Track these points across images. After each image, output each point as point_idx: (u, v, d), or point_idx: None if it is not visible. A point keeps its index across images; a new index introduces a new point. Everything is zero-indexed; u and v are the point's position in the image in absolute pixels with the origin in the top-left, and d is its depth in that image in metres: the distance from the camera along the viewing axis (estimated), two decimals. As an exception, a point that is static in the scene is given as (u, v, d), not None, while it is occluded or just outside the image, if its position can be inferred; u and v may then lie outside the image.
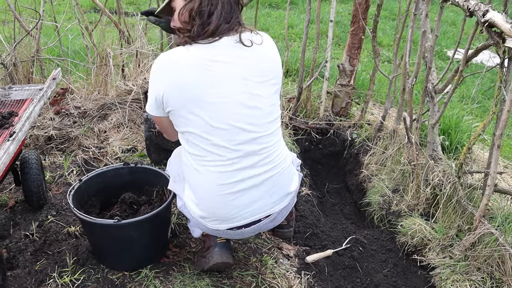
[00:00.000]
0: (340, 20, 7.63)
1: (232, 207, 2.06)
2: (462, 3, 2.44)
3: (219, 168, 1.99)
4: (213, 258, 2.29)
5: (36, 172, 2.70)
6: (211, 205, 2.07)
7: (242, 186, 2.03)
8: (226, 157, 1.97)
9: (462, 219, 2.74)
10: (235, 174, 2.00)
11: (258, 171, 2.03)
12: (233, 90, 1.91)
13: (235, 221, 2.10)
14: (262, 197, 2.08)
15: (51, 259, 2.42)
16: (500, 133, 2.35)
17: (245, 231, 2.18)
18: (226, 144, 1.95)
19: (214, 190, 2.02)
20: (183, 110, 1.92)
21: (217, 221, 2.11)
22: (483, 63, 6.07)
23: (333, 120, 4.20)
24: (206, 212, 2.10)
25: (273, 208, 2.14)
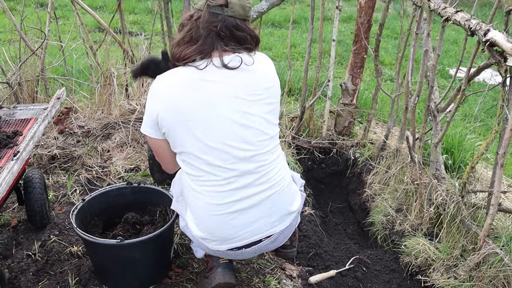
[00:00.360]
0: (342, 39, 7.68)
1: (231, 227, 2.05)
2: (464, 23, 2.45)
3: (215, 188, 2.00)
4: (216, 279, 2.28)
5: (39, 192, 2.70)
6: (209, 225, 2.07)
7: (240, 206, 2.02)
8: (221, 176, 1.98)
9: (466, 238, 2.72)
10: (231, 194, 2.00)
11: (255, 190, 2.03)
12: (225, 109, 1.94)
13: (234, 242, 2.09)
14: (261, 217, 2.07)
15: (53, 279, 2.41)
16: (503, 152, 2.35)
17: (246, 252, 2.17)
18: (221, 164, 1.96)
19: (211, 210, 2.03)
20: (178, 130, 1.96)
21: (217, 241, 2.10)
22: (485, 81, 6.08)
23: (336, 139, 4.21)
24: (206, 232, 2.10)
25: (274, 228, 2.13)
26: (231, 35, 1.98)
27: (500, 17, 2.39)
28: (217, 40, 1.96)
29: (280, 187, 2.10)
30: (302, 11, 9.13)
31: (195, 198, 2.07)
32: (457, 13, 2.55)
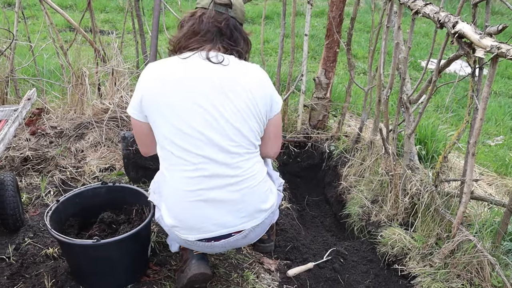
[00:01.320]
0: (315, 33, 7.71)
1: (199, 217, 2.08)
2: (433, 15, 2.49)
3: (185, 173, 2.04)
4: (191, 270, 2.29)
5: (12, 194, 2.65)
6: (179, 212, 2.10)
7: (208, 196, 2.05)
8: (191, 161, 2.03)
9: (441, 227, 2.77)
10: (200, 181, 2.04)
11: (224, 182, 2.06)
12: (200, 98, 2.01)
13: (202, 232, 2.11)
14: (229, 211, 2.09)
15: (29, 282, 2.37)
16: (474, 141, 2.39)
17: (215, 245, 2.18)
18: (191, 148, 2.02)
19: (181, 196, 2.06)
20: (155, 113, 2.05)
21: (186, 230, 2.12)
22: (456, 72, 6.18)
23: (311, 133, 4.23)
24: (176, 220, 2.12)
25: (244, 224, 2.14)
26: (231, 34, 2.14)
27: (469, 9, 2.43)
28: (217, 36, 2.11)
29: (249, 184, 2.11)
30: (274, 6, 9.13)
31: (167, 186, 2.11)
32: (426, 6, 2.59)
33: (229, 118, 2.03)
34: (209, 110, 2.01)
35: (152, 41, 3.32)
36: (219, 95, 2.02)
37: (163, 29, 4.35)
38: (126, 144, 3.15)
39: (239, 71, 2.09)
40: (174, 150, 2.04)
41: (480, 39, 2.12)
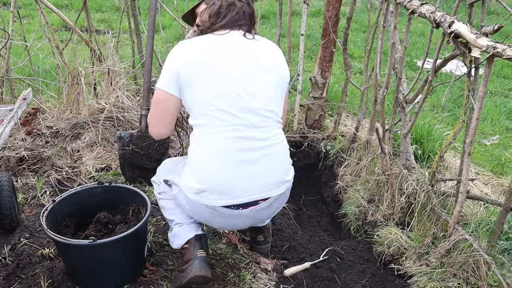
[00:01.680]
0: (311, 33, 7.72)
1: (233, 178, 2.13)
2: (429, 15, 2.49)
3: (221, 134, 2.11)
4: (192, 271, 2.28)
5: (7, 194, 2.64)
6: (212, 172, 2.13)
7: (243, 157, 2.13)
8: (229, 122, 2.10)
9: (437, 226, 2.78)
10: (237, 142, 2.12)
11: (258, 145, 2.15)
12: (240, 66, 2.15)
13: (231, 198, 2.15)
14: (260, 174, 2.16)
15: (25, 283, 2.36)
16: (470, 140, 2.40)
17: (242, 213, 2.20)
18: (230, 110, 2.11)
19: (216, 156, 2.12)
20: (195, 79, 2.12)
21: (215, 194, 2.14)
22: (452, 72, 6.19)
23: (307, 132, 4.23)
24: (206, 183, 2.13)
25: (271, 191, 2.21)
26: (250, 17, 2.31)
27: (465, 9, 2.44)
28: (241, 16, 2.28)
29: (279, 149, 2.24)
30: (270, 6, 9.13)
31: (202, 148, 2.15)
32: (423, 6, 2.59)
33: (263, 85, 2.18)
34: (246, 76, 2.14)
35: (148, 41, 3.32)
36: (255, 65, 2.18)
37: (159, 29, 4.35)
38: (122, 144, 3.14)
39: (267, 46, 2.28)
40: (213, 112, 2.11)
41: (476, 39, 2.13)
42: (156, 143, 3.18)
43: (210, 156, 2.13)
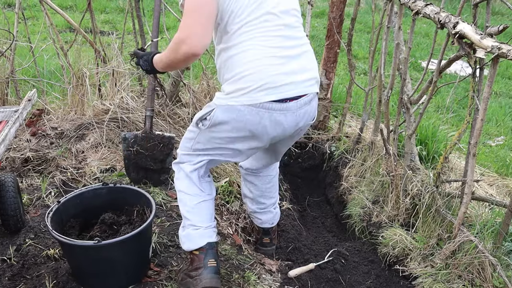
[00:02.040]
0: (315, 34, 7.71)
1: (280, 73, 2.14)
2: (433, 16, 2.49)
3: (267, 32, 2.14)
4: (202, 282, 2.27)
5: (12, 195, 2.65)
6: (260, 68, 2.12)
7: (287, 53, 2.17)
8: (273, 23, 2.14)
9: (442, 227, 2.77)
10: (280, 41, 2.16)
11: (298, 43, 2.23)
12: None
13: (281, 91, 2.15)
14: (301, 69, 2.22)
15: (30, 283, 2.37)
16: (475, 141, 2.39)
17: (289, 106, 2.20)
18: (273, 10, 2.14)
19: (261, 53, 2.13)
20: None
21: (264, 91, 2.13)
22: (457, 73, 6.18)
23: (312, 133, 4.23)
24: (250, 80, 2.12)
25: (311, 87, 2.28)
26: None
27: (469, 10, 2.43)
28: None
29: (311, 49, 2.35)
30: (274, 7, 9.13)
31: (245, 50, 2.14)
32: (427, 7, 2.59)
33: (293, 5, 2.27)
34: None
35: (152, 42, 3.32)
36: None
37: (164, 30, 4.35)
38: (127, 145, 3.15)
39: None
40: (258, 13, 2.12)
41: (481, 40, 2.12)
42: (161, 144, 3.18)
43: (258, 54, 2.13)
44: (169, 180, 3.30)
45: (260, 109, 2.15)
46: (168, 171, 3.28)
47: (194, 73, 4.58)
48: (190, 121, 3.80)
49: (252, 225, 3.13)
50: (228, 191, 3.32)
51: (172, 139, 3.23)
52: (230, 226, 3.09)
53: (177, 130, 3.81)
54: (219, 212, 3.16)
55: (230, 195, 3.31)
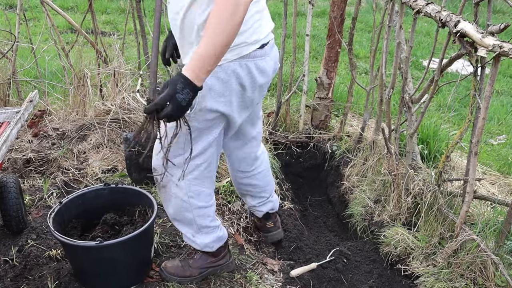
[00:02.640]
0: (316, 33, 7.70)
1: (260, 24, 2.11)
2: (435, 14, 2.49)
3: None
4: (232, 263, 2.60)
5: (14, 196, 2.65)
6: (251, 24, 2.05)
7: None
8: None
9: (444, 226, 2.77)
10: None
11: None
12: None
13: (265, 38, 2.13)
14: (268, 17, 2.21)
15: (32, 284, 2.37)
16: (477, 140, 2.39)
17: (267, 51, 2.16)
18: None
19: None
20: None
21: (253, 44, 2.08)
22: (458, 71, 6.17)
23: (313, 133, 4.23)
24: (246, 34, 2.04)
25: None
26: None
27: (470, 8, 2.43)
28: None
29: None
30: (275, 7, 9.12)
31: None
32: (428, 5, 2.58)
33: None
34: None
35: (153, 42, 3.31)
36: None
37: (165, 30, 4.35)
38: (128, 145, 3.15)
39: None
40: None
41: (482, 38, 2.12)
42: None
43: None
44: (171, 180, 3.29)
45: (250, 60, 2.09)
46: (169, 171, 3.27)
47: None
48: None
49: (253, 225, 3.13)
50: (230, 191, 3.32)
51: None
52: (232, 226, 3.09)
53: (179, 130, 3.81)
54: (220, 212, 3.17)
55: (231, 195, 3.31)
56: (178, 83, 1.74)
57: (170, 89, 1.74)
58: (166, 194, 2.34)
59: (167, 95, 1.74)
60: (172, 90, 1.74)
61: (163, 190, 2.34)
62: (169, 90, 1.74)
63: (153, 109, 1.77)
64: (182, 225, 2.44)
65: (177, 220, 2.44)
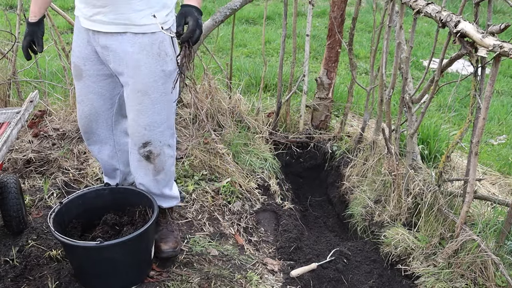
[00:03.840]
0: (316, 34, 7.71)
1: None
2: (435, 15, 2.49)
3: None
4: None
5: (15, 196, 2.65)
6: None
7: None
8: None
9: (444, 227, 2.77)
10: None
11: None
12: None
13: None
14: None
15: (33, 284, 2.37)
16: (477, 140, 2.39)
17: None
18: None
19: None
20: None
21: None
22: (458, 72, 6.17)
23: (313, 133, 4.23)
24: None
25: None
26: None
27: (471, 8, 2.43)
28: None
29: None
30: (275, 7, 9.12)
31: None
32: (428, 5, 2.58)
33: None
34: None
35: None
36: None
37: (165, 31, 4.34)
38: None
39: None
40: None
41: (483, 38, 2.12)
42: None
43: None
44: (171, 181, 3.30)
45: None
46: (170, 171, 3.27)
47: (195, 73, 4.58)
48: (191, 122, 3.80)
49: (254, 225, 3.13)
50: (230, 191, 3.32)
51: (174, 140, 3.23)
52: (232, 226, 3.09)
53: (179, 131, 3.81)
54: (221, 212, 3.17)
55: (232, 195, 3.31)
56: (195, 13, 2.06)
57: (193, 19, 2.04)
58: (160, 161, 2.46)
59: (194, 23, 2.04)
60: (195, 18, 2.05)
61: (157, 160, 2.45)
62: (193, 20, 2.04)
63: (189, 35, 2.03)
64: (172, 185, 2.65)
65: (170, 183, 2.63)
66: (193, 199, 3.20)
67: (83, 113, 2.52)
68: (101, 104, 2.49)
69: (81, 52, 2.37)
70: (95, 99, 2.47)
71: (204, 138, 3.71)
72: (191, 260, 2.67)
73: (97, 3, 2.16)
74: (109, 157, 2.71)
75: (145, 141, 2.39)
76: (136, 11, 2.16)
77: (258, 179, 3.58)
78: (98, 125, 2.56)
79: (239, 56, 6.59)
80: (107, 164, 2.75)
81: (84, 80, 2.43)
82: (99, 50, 2.31)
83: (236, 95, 4.23)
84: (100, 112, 2.52)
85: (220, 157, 3.54)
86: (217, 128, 3.94)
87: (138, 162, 2.50)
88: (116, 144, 2.67)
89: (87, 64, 2.38)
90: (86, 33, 2.31)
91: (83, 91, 2.46)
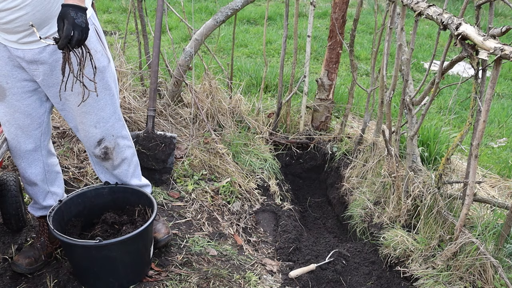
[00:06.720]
0: (317, 35, 7.71)
1: None
2: (436, 17, 2.49)
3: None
4: None
5: (14, 194, 2.65)
6: None
7: None
8: None
9: (443, 229, 2.77)
10: None
11: None
12: None
13: None
14: None
15: (31, 282, 2.37)
16: (477, 143, 2.39)
17: None
18: None
19: None
20: None
21: None
22: (459, 74, 6.17)
23: (313, 134, 4.23)
24: None
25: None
26: None
27: (472, 11, 2.43)
28: None
29: None
30: (277, 7, 9.13)
31: None
32: (430, 8, 2.58)
33: None
34: None
35: (155, 42, 3.33)
36: None
37: (166, 30, 4.35)
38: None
39: None
40: None
41: (484, 41, 2.12)
42: (163, 144, 3.18)
43: None
44: (171, 180, 3.30)
45: None
46: (169, 171, 3.28)
47: (196, 73, 4.58)
48: (192, 121, 3.81)
49: (253, 225, 3.13)
50: (229, 191, 3.32)
51: (174, 139, 3.23)
52: (231, 227, 3.09)
53: (179, 130, 3.82)
54: (220, 213, 3.17)
55: (231, 195, 3.31)
56: (70, 12, 1.86)
57: (69, 21, 1.85)
58: (119, 152, 2.50)
59: (68, 25, 1.85)
60: (70, 19, 1.86)
61: (115, 152, 2.48)
62: (68, 23, 1.85)
63: (65, 42, 1.86)
64: (139, 175, 2.68)
65: (136, 173, 2.66)
66: (192, 198, 3.20)
67: (9, 135, 2.33)
68: (28, 123, 2.31)
69: (1, 70, 2.18)
70: (21, 119, 2.29)
71: (204, 138, 3.71)
72: (190, 259, 2.67)
73: (19, 29, 2.02)
74: (38, 177, 2.51)
75: (98, 139, 2.38)
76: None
77: (257, 179, 3.58)
78: (26, 145, 2.37)
79: (240, 56, 6.59)
80: (33, 185, 2.53)
81: (7, 99, 2.24)
82: (25, 66, 2.16)
83: (236, 95, 4.23)
84: (27, 132, 2.34)
85: (220, 157, 3.54)
86: (217, 128, 3.94)
87: (98, 163, 2.58)
88: (45, 165, 2.50)
89: (9, 82, 2.20)
90: (5, 50, 2.13)
91: (9, 111, 2.27)
